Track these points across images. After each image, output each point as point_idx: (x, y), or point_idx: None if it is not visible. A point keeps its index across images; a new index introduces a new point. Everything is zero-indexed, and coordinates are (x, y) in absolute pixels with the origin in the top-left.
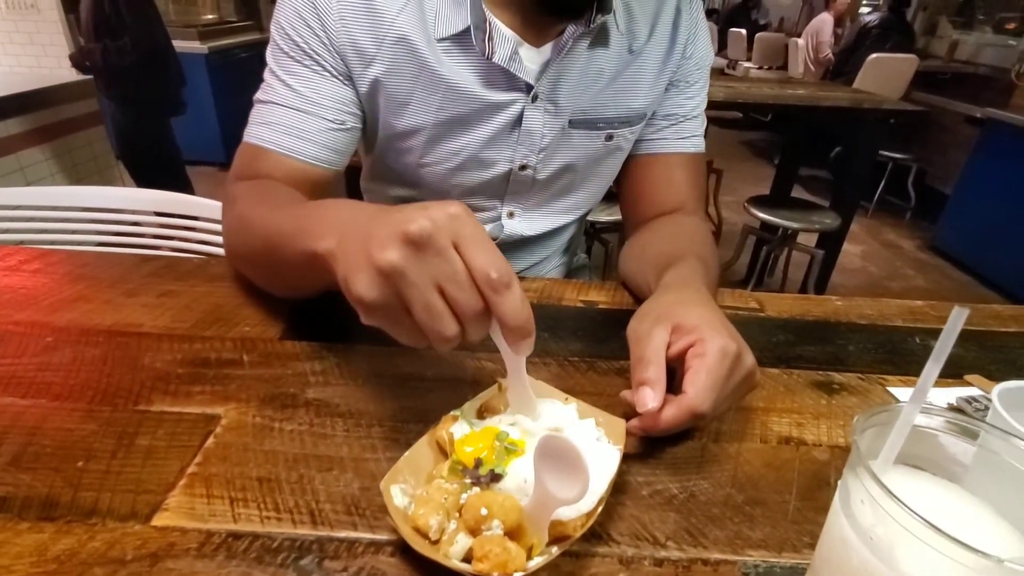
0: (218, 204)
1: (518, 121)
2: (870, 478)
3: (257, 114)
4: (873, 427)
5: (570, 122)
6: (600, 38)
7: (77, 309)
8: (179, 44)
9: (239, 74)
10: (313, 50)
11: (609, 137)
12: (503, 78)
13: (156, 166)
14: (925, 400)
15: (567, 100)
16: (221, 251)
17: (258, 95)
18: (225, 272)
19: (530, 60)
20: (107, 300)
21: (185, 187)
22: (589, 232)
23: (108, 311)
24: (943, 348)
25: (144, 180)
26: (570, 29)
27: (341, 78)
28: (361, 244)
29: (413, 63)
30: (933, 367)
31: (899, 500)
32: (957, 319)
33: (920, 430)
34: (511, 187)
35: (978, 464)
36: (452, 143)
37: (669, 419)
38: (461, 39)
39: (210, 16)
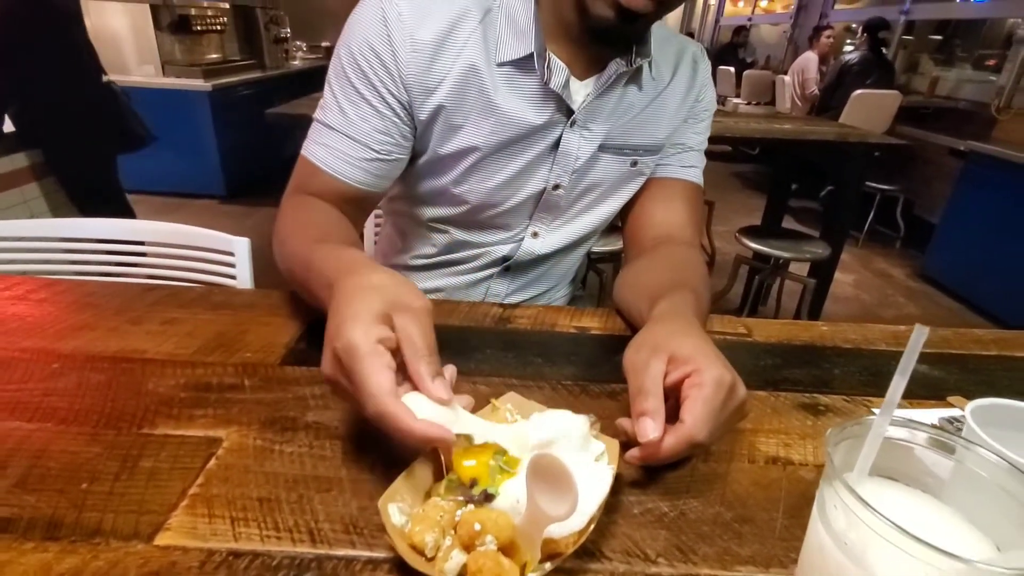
0: (221, 235)
1: (556, 144)
2: (842, 485)
3: (314, 132)
4: (846, 440)
5: (601, 146)
6: (634, 78)
7: (82, 336)
8: (183, 82)
9: (241, 111)
10: (380, 80)
11: (634, 163)
12: (553, 103)
13: (101, 201)
14: (893, 413)
15: (601, 127)
16: (223, 280)
17: (316, 113)
18: (227, 300)
19: (576, 91)
20: (112, 328)
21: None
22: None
23: (113, 338)
24: (907, 364)
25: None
26: (612, 67)
27: (397, 110)
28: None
29: (473, 88)
30: (899, 381)
31: (868, 504)
32: (918, 337)
33: (897, 444)
34: (541, 206)
35: (952, 476)
36: (495, 165)
37: (669, 448)
38: (521, 64)
39: (214, 55)
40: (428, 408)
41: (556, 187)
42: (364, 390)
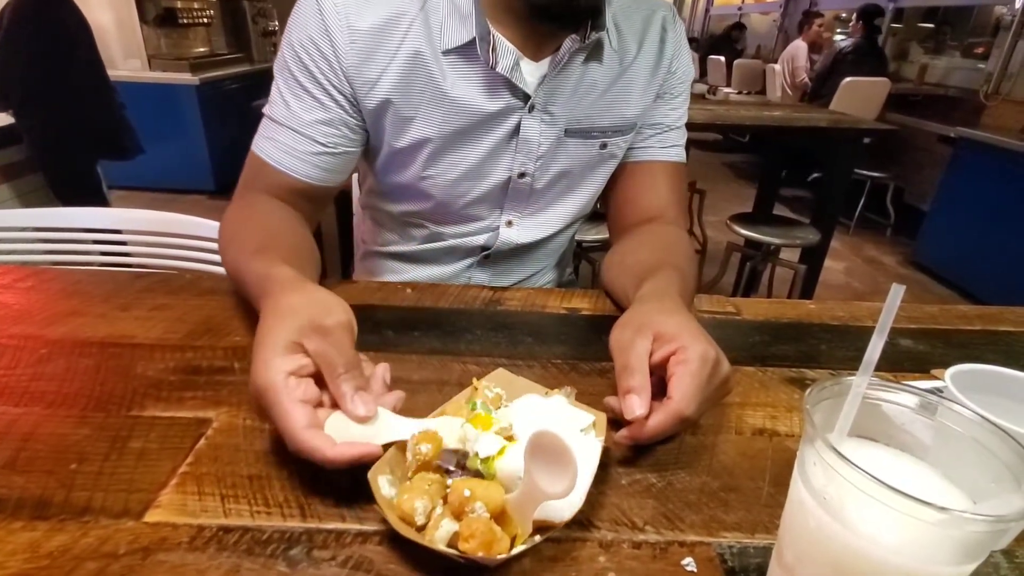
0: (209, 223)
1: (516, 130)
2: (820, 441)
3: (263, 127)
4: (825, 400)
5: (566, 131)
6: (594, 54)
7: (70, 323)
8: (170, 76)
9: (229, 105)
10: (321, 71)
11: (603, 145)
12: (504, 88)
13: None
14: (871, 372)
15: (562, 110)
16: (213, 268)
17: (265, 108)
18: (216, 286)
19: (529, 73)
20: (100, 314)
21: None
22: (576, 252)
23: (101, 324)
24: (885, 322)
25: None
26: (567, 44)
27: (343, 102)
28: None
29: (420, 77)
30: (877, 341)
31: (844, 457)
32: (895, 296)
33: (875, 405)
34: (510, 195)
35: (930, 435)
36: (454, 155)
37: (656, 425)
38: (466, 51)
39: (201, 49)
40: (354, 426)
41: (522, 175)
42: (280, 430)
